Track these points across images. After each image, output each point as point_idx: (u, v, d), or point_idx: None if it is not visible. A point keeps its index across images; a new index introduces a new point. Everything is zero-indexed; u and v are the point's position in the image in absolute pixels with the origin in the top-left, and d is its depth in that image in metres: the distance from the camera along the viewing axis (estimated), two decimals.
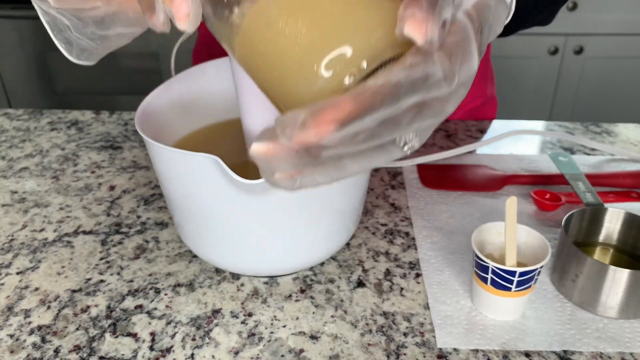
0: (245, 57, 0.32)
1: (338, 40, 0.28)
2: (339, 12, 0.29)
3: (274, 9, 0.30)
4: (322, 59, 0.28)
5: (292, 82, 0.30)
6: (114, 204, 0.66)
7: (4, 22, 1.72)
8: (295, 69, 0.29)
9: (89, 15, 0.32)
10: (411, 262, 0.56)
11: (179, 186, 0.49)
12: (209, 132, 0.62)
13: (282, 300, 0.52)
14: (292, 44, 0.29)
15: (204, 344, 0.47)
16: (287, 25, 0.29)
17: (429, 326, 0.49)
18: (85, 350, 0.47)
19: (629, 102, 1.84)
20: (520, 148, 0.78)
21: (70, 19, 0.32)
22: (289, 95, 0.31)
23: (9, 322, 0.50)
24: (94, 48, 0.34)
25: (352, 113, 0.25)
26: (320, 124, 0.25)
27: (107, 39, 0.33)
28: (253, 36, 0.30)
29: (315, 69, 0.29)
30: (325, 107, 0.25)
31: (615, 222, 0.54)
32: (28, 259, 0.57)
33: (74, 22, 0.32)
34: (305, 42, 0.29)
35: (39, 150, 0.77)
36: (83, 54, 0.34)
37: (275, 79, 0.31)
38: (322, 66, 0.28)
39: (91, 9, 0.31)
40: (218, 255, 0.53)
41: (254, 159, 0.27)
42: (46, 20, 0.33)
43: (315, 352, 0.46)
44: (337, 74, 0.29)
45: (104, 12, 0.31)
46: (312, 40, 0.29)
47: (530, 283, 0.47)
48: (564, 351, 0.46)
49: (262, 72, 0.32)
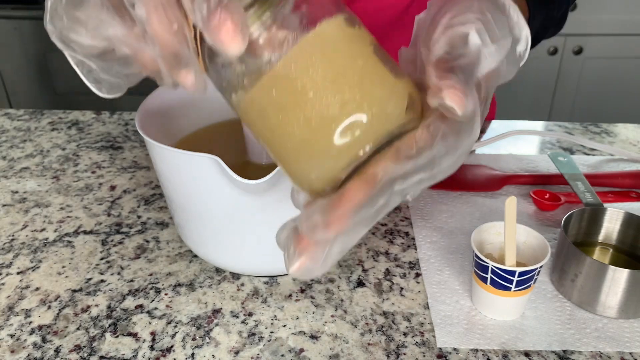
0: (251, 118, 0.32)
1: (350, 114, 0.29)
2: (351, 88, 0.29)
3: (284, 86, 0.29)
4: (334, 134, 0.29)
5: (305, 154, 0.30)
6: (114, 204, 0.66)
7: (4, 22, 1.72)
8: (308, 143, 0.30)
9: (113, 57, 0.33)
10: (411, 262, 0.56)
11: (180, 186, 0.49)
12: (209, 132, 0.62)
13: (282, 300, 0.52)
14: (304, 119, 0.29)
15: (204, 344, 0.47)
16: (299, 100, 0.29)
17: (428, 326, 0.49)
18: (86, 350, 0.47)
19: (628, 102, 1.84)
20: (520, 148, 0.79)
21: (96, 62, 0.34)
22: (297, 162, 0.31)
23: (10, 321, 0.50)
24: (121, 84, 0.35)
25: (364, 200, 0.28)
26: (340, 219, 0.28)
27: (133, 76, 0.35)
28: (261, 102, 0.30)
29: (327, 142, 0.29)
30: (341, 201, 0.28)
31: (614, 222, 0.54)
32: (29, 259, 0.57)
33: (99, 65, 0.34)
34: (318, 115, 0.29)
35: (39, 150, 0.77)
36: (112, 90, 0.36)
37: (286, 148, 0.31)
38: (334, 140, 0.29)
39: (114, 52, 0.33)
40: (218, 255, 0.53)
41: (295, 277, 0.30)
42: (74, 62, 0.34)
43: (315, 351, 0.47)
44: (347, 148, 0.29)
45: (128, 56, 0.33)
46: (324, 115, 0.29)
47: (530, 283, 0.47)
48: (563, 351, 0.47)
49: (269, 138, 0.32)
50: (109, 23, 0.30)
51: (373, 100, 0.29)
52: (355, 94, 0.29)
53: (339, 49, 0.30)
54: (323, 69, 0.29)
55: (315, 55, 0.29)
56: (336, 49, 0.29)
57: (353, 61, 0.29)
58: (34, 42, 1.76)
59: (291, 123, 0.29)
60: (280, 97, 0.30)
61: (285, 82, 0.29)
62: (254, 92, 0.30)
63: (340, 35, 0.30)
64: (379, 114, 0.29)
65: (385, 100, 0.29)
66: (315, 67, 0.29)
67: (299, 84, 0.29)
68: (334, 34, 0.30)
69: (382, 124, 0.29)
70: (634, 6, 1.69)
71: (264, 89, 0.30)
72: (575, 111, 1.86)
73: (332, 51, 0.29)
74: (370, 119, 0.29)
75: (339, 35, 0.30)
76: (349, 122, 0.29)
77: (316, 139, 0.29)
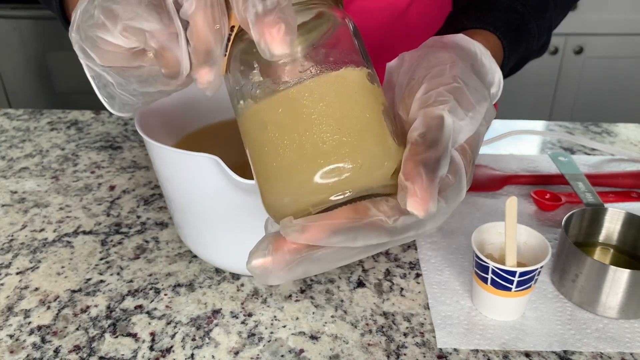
0: (249, 128, 0.33)
1: (341, 157, 0.30)
2: (351, 134, 0.30)
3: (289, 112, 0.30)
4: (319, 169, 0.30)
5: (286, 177, 0.31)
6: (113, 204, 0.66)
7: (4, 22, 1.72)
8: (293, 168, 0.30)
9: (133, 74, 0.33)
10: (411, 262, 0.56)
11: (179, 186, 0.49)
12: (209, 132, 0.61)
13: (282, 300, 0.52)
14: (297, 145, 0.30)
15: (204, 344, 0.47)
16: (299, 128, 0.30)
17: (429, 326, 0.49)
18: (85, 351, 0.47)
19: (629, 102, 1.84)
20: (520, 148, 0.78)
21: (114, 77, 0.34)
22: (276, 182, 0.32)
23: (9, 322, 0.50)
24: (135, 102, 0.36)
25: (346, 225, 0.29)
26: (317, 230, 0.29)
27: (148, 95, 0.36)
28: (265, 116, 0.31)
29: (310, 174, 0.30)
30: (326, 216, 0.29)
31: (615, 222, 0.54)
32: (28, 259, 0.57)
33: (117, 80, 0.34)
34: (312, 146, 0.30)
35: (38, 150, 0.77)
36: (124, 108, 0.37)
37: (270, 166, 0.32)
38: (317, 174, 0.30)
39: (136, 68, 0.33)
40: (218, 255, 0.53)
41: (251, 272, 0.31)
42: (91, 75, 0.34)
43: (315, 352, 0.46)
44: (326, 188, 0.30)
45: (148, 71, 0.33)
46: (317, 148, 0.30)
47: (530, 283, 0.47)
48: (564, 351, 0.46)
49: (258, 151, 0.32)
50: (145, 17, 0.30)
51: (366, 153, 0.30)
52: (353, 140, 0.30)
53: (354, 96, 0.31)
54: (333, 108, 0.30)
55: (331, 93, 0.30)
56: (351, 95, 0.31)
57: (362, 111, 0.31)
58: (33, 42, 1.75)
59: (284, 144, 0.30)
60: (285, 117, 0.30)
61: (294, 106, 0.30)
62: (262, 104, 0.31)
63: (359, 85, 0.31)
64: (367, 168, 0.30)
65: (377, 157, 0.30)
66: (327, 103, 0.30)
67: (306, 111, 0.30)
68: (354, 81, 0.31)
69: (367, 178, 0.30)
70: (635, 6, 1.69)
71: (273, 104, 0.31)
72: (575, 111, 1.86)
73: (347, 95, 0.31)
74: (357, 170, 0.30)
75: (358, 85, 0.31)
76: (337, 165, 0.29)
77: (301, 167, 0.30)
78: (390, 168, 0.31)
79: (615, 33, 1.73)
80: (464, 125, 0.33)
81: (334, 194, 0.30)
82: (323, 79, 0.30)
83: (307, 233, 0.29)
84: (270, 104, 0.31)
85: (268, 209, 0.34)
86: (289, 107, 0.30)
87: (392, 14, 0.73)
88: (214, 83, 0.31)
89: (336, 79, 0.30)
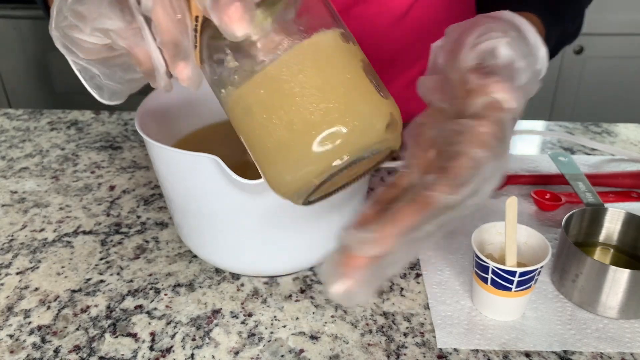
0: (236, 115, 0.32)
1: (332, 124, 0.29)
2: (336, 98, 0.30)
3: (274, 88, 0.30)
4: (313, 139, 0.29)
5: (283, 155, 0.31)
6: (113, 204, 0.66)
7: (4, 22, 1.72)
8: (287, 145, 0.30)
9: (115, 63, 0.34)
10: (411, 262, 0.56)
11: (179, 186, 0.49)
12: (209, 132, 0.61)
13: (282, 300, 0.52)
14: (287, 122, 0.30)
15: (204, 344, 0.47)
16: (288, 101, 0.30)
17: (429, 326, 0.49)
18: (85, 351, 0.47)
19: (629, 102, 1.84)
20: (521, 148, 0.78)
21: (99, 68, 0.35)
22: (275, 163, 0.31)
23: (9, 322, 0.50)
24: (123, 90, 0.37)
25: (415, 223, 0.28)
26: (389, 238, 0.28)
27: (134, 81, 0.36)
28: (248, 100, 0.31)
29: (305, 147, 0.30)
30: (393, 221, 0.28)
31: (615, 222, 0.54)
32: (28, 259, 0.57)
33: (102, 70, 0.35)
34: (301, 120, 0.29)
35: (38, 150, 0.77)
36: (113, 96, 0.37)
37: (265, 147, 0.31)
38: (312, 146, 0.29)
39: (117, 57, 0.34)
40: (218, 255, 0.53)
41: (336, 299, 0.30)
42: (77, 69, 0.35)
43: (315, 352, 0.46)
44: (324, 156, 0.30)
45: (130, 59, 0.33)
46: (306, 120, 0.29)
47: (531, 283, 0.47)
48: (564, 351, 0.46)
49: (250, 136, 0.32)
50: (108, 16, 0.31)
51: (355, 114, 0.30)
52: (340, 105, 0.30)
53: (331, 60, 0.30)
54: (313, 77, 0.30)
55: (307, 62, 0.30)
56: (328, 59, 0.30)
57: (342, 74, 0.30)
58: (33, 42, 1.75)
59: (274, 124, 0.30)
60: (268, 97, 0.30)
61: (275, 84, 0.30)
62: (243, 89, 0.31)
63: (334, 47, 0.31)
64: (359, 129, 0.30)
65: (366, 116, 0.30)
66: (306, 74, 0.30)
67: (287, 87, 0.30)
68: (328, 45, 0.30)
69: (362, 137, 0.30)
70: (635, 6, 1.69)
71: (254, 87, 0.30)
72: (576, 111, 1.86)
73: (324, 61, 0.30)
74: (350, 132, 0.29)
75: (332, 47, 0.31)
76: (329, 131, 0.29)
77: (296, 143, 0.30)
78: (382, 123, 0.30)
79: (615, 33, 1.73)
80: (519, 67, 0.31)
81: (333, 161, 0.30)
82: (296, 50, 0.30)
83: (378, 245, 0.29)
84: (251, 86, 0.30)
85: (274, 189, 0.34)
86: (270, 86, 0.30)
87: (391, 18, 0.73)
88: (193, 77, 0.31)
89: (309, 47, 0.30)
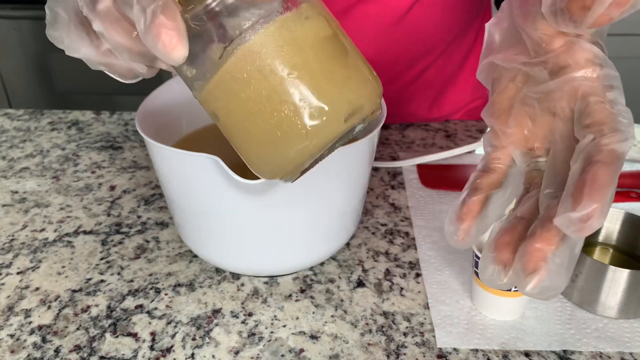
0: (213, 115, 0.32)
1: (307, 116, 0.29)
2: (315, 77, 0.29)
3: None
4: (303, 117, 0.29)
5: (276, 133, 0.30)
6: (114, 204, 0.66)
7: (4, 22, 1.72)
8: (270, 137, 0.30)
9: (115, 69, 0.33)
10: (411, 262, 0.56)
11: (179, 186, 0.49)
12: (209, 132, 0.62)
13: (282, 300, 0.52)
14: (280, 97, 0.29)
15: (204, 344, 0.47)
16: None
17: (428, 326, 0.49)
18: (86, 350, 0.47)
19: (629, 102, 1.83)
20: None
21: (104, 69, 0.34)
22: (264, 155, 0.31)
23: (10, 322, 0.50)
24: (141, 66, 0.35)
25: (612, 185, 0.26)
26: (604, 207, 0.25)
27: None
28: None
29: (290, 145, 0.29)
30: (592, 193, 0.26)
31: (614, 222, 0.54)
32: (28, 259, 0.57)
33: (108, 70, 0.34)
34: (296, 92, 0.29)
35: (39, 151, 0.77)
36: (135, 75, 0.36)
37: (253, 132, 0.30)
38: (305, 122, 0.29)
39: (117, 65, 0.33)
40: (218, 255, 0.53)
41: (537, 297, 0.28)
42: None
43: (315, 352, 0.47)
44: (312, 141, 0.29)
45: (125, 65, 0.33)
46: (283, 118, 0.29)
47: None
48: (563, 351, 0.47)
49: (234, 130, 0.31)
50: (80, 43, 0.31)
51: (328, 97, 0.29)
52: (313, 91, 0.29)
53: (293, 44, 0.29)
54: (277, 67, 0.29)
55: (270, 53, 0.29)
56: (290, 44, 0.29)
57: (309, 56, 0.29)
58: (34, 42, 1.76)
59: (251, 119, 0.30)
60: (235, 98, 0.29)
61: (239, 83, 0.29)
62: (208, 93, 0.30)
63: (293, 29, 0.29)
64: (334, 112, 0.29)
65: (340, 97, 0.29)
66: (269, 65, 0.29)
67: (254, 83, 0.29)
68: (288, 29, 0.29)
69: (338, 120, 0.29)
70: None
71: (218, 90, 0.30)
72: None
73: (286, 48, 0.29)
74: (327, 118, 0.29)
75: (293, 30, 0.29)
76: (308, 123, 0.29)
77: (277, 137, 0.29)
78: (378, 93, 0.30)
79: (615, 33, 1.73)
80: None
81: (318, 147, 0.29)
82: (256, 41, 0.29)
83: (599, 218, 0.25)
84: (215, 91, 0.30)
85: (261, 175, 0.33)
86: (236, 85, 0.29)
87: (393, 18, 0.73)
88: (182, 41, 0.29)
89: (268, 37, 0.29)
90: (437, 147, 0.77)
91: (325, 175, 0.47)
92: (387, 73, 0.77)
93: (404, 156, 0.74)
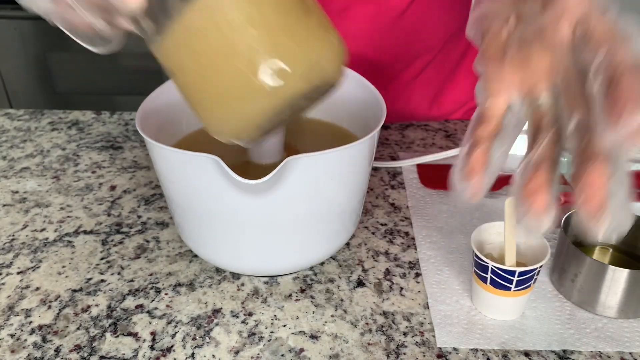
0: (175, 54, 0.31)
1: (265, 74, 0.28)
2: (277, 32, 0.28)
3: None
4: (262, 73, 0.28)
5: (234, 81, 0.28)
6: (114, 203, 0.66)
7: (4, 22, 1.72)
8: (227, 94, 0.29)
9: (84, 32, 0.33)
10: (411, 262, 0.57)
11: (180, 186, 0.49)
12: None
13: (282, 299, 0.52)
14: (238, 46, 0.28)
15: (204, 344, 0.47)
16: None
17: (428, 326, 0.49)
18: (86, 350, 0.47)
19: None
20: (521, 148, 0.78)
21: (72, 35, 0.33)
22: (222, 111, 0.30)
23: (10, 321, 0.50)
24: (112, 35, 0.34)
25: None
26: None
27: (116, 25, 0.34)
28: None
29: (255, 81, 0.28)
30: None
31: None
32: (29, 259, 0.57)
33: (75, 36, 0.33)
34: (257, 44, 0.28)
35: (39, 151, 0.77)
36: (107, 45, 0.34)
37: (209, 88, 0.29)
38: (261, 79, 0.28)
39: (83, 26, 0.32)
40: (218, 255, 0.53)
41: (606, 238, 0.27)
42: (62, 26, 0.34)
43: (315, 351, 0.47)
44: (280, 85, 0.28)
45: None
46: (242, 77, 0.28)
47: (530, 283, 0.47)
48: (563, 351, 0.47)
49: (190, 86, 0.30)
50: (36, 1, 0.30)
51: (287, 56, 0.28)
52: (270, 51, 0.28)
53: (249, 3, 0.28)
54: (248, 8, 0.28)
55: (231, 12, 0.28)
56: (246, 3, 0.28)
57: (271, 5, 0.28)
58: (34, 42, 1.76)
59: (209, 75, 0.29)
60: (193, 54, 0.28)
61: (200, 35, 0.28)
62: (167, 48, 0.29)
63: None
64: (294, 72, 0.28)
65: (298, 54, 0.28)
66: (244, 4, 0.28)
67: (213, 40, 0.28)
68: None
69: (300, 79, 0.29)
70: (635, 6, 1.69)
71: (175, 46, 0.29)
72: None
73: (244, 5, 0.28)
74: (287, 76, 0.28)
75: None
76: (274, 62, 0.28)
77: (235, 95, 0.28)
78: (340, 58, 0.29)
79: None
80: None
81: (276, 106, 0.28)
82: None
83: None
84: (173, 46, 0.29)
85: (220, 137, 0.32)
86: (192, 39, 0.28)
87: (390, 17, 0.73)
88: None
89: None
90: (437, 147, 0.77)
91: (325, 175, 0.47)
92: (386, 72, 0.78)
93: (403, 156, 0.74)
